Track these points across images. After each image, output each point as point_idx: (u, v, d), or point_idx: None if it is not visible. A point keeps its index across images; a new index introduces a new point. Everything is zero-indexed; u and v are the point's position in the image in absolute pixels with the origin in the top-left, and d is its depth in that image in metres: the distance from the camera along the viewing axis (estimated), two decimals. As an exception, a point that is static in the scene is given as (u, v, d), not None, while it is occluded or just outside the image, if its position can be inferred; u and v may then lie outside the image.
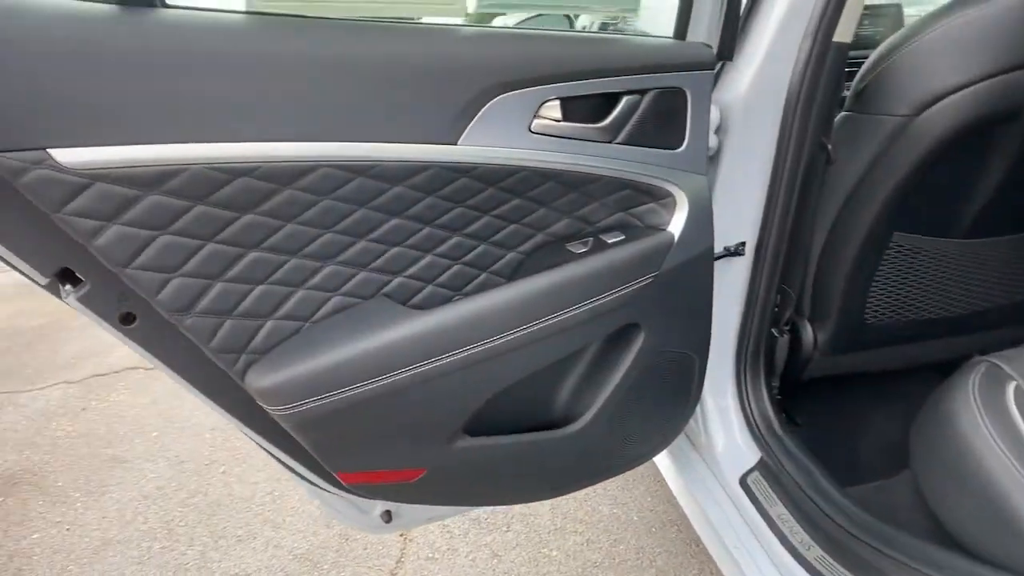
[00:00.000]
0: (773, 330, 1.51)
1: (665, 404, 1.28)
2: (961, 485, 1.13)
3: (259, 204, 0.79)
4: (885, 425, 1.74)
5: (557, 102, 0.93)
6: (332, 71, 0.77)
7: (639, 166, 1.03)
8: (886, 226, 1.40)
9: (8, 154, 0.64)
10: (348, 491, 1.17)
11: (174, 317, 0.81)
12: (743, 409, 1.48)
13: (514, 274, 1.05)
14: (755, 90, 1.21)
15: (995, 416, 1.09)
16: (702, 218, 1.10)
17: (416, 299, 0.99)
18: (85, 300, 0.81)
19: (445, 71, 0.83)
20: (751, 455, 1.45)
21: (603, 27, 2.97)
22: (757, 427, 1.45)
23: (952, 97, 1.23)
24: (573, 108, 0.95)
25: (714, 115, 1.23)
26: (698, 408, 1.49)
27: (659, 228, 1.09)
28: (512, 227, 1.01)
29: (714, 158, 1.28)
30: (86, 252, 0.74)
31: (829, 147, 1.33)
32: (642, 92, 0.98)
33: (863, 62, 1.41)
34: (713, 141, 1.25)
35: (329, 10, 0.79)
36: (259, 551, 2.05)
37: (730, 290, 1.41)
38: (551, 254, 1.05)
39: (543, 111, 0.92)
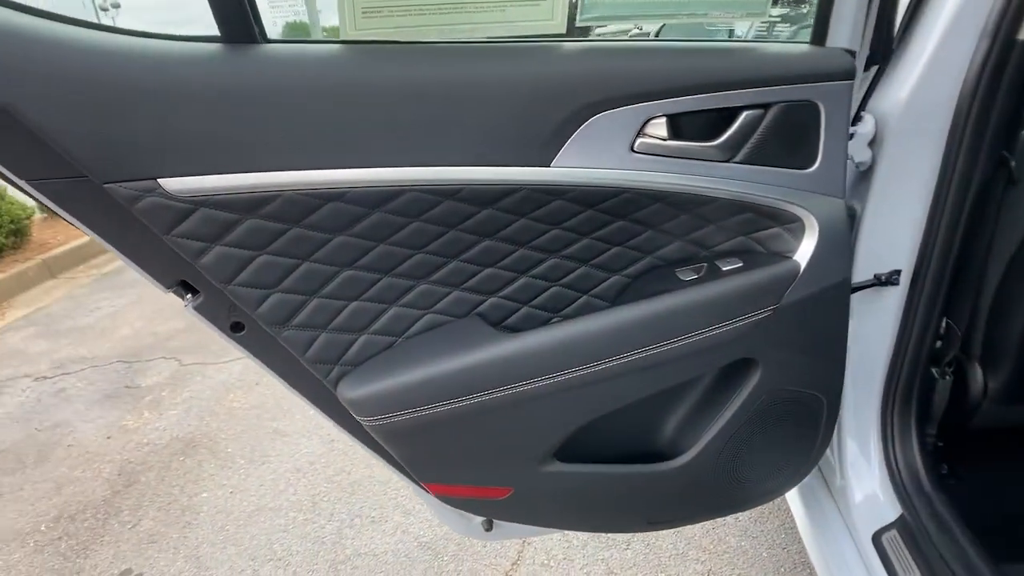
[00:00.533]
0: (933, 370, 1.33)
1: (785, 447, 1.16)
2: None
3: (350, 226, 0.82)
4: None
5: (663, 119, 0.87)
6: (418, 97, 0.78)
7: (762, 187, 0.94)
8: None
9: (125, 184, 0.72)
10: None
11: (273, 329, 0.86)
12: (886, 457, 1.31)
13: (618, 298, 1.01)
14: (918, 98, 1.06)
15: None
16: (836, 246, 0.99)
17: (511, 320, 0.98)
18: (200, 309, 0.88)
19: (537, 91, 0.81)
20: (890, 510, 1.29)
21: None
22: (900, 478, 1.29)
23: None
24: (682, 125, 0.89)
25: (868, 125, 1.10)
26: (835, 448, 1.35)
27: (784, 255, 0.99)
28: (615, 249, 0.97)
29: (866, 174, 1.14)
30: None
31: (1012, 164, 1.14)
32: (765, 106, 0.90)
33: None
34: (866, 155, 1.12)
35: (423, 32, 0.79)
36: (388, 534, 2.16)
37: (880, 322, 1.26)
38: (659, 280, 0.99)
39: (648, 129, 0.87)
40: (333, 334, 0.89)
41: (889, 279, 1.20)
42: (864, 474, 1.33)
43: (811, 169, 0.95)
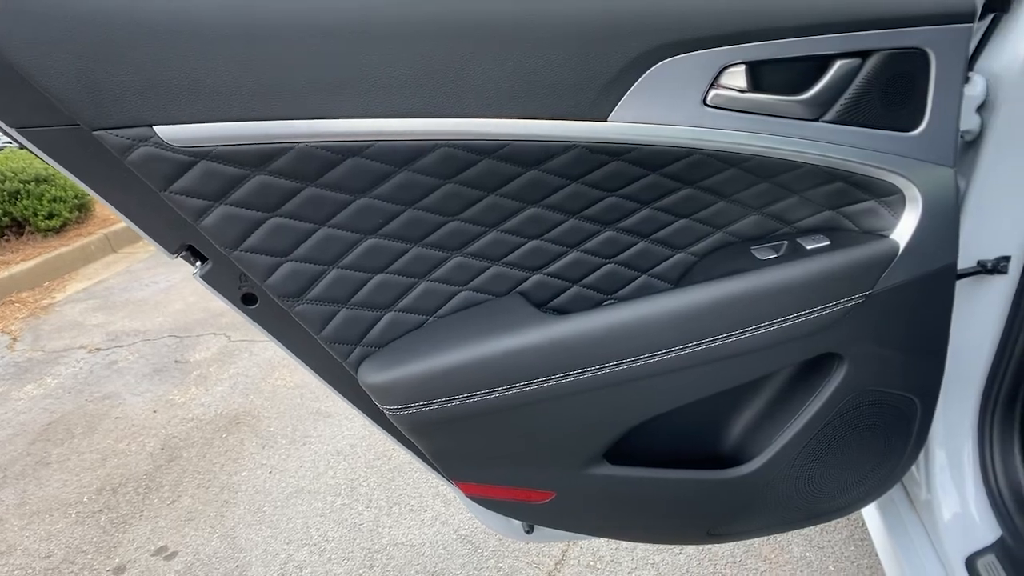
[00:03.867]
0: None
1: (869, 455, 1.02)
2: None
3: (373, 187, 0.72)
4: None
5: (742, 67, 0.73)
6: (452, 34, 0.66)
7: (856, 152, 0.80)
8: None
9: (116, 131, 0.63)
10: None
11: (285, 303, 0.76)
12: (983, 469, 1.15)
13: (683, 279, 0.88)
14: None
15: None
16: (943, 224, 0.84)
17: (558, 300, 0.86)
18: (208, 278, 0.79)
19: (592, 30, 0.68)
20: (987, 531, 1.13)
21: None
22: (1000, 495, 1.12)
23: None
24: (765, 75, 0.75)
25: (978, 87, 0.93)
26: (922, 456, 1.19)
27: (879, 234, 0.85)
28: (681, 222, 0.84)
29: (973, 144, 0.98)
30: None
31: None
32: (863, 54, 0.75)
33: None
34: (974, 122, 0.96)
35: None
36: (427, 524, 2.08)
37: (982, 316, 1.09)
38: (732, 258, 0.86)
39: (724, 79, 0.73)
40: (354, 310, 0.79)
41: (996, 267, 1.04)
42: (956, 488, 1.17)
43: (916, 132, 0.80)
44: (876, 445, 1.01)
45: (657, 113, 0.72)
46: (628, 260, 0.85)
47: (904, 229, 0.83)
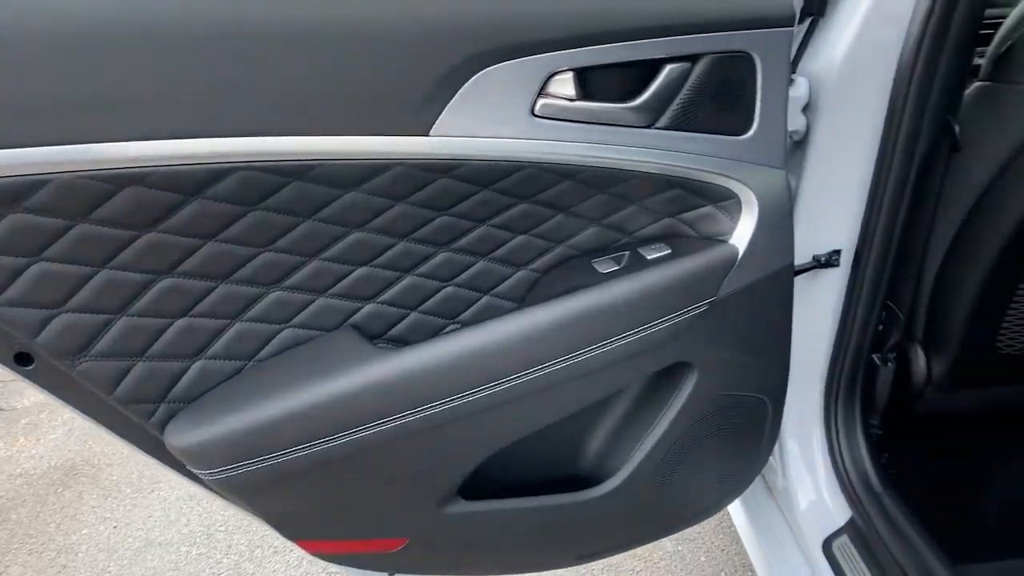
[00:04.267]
0: (875, 356, 1.21)
1: (727, 456, 1.02)
2: None
3: (161, 219, 0.61)
4: (1016, 482, 1.40)
5: (570, 74, 0.69)
6: (246, 40, 0.57)
7: (690, 158, 0.78)
8: None
9: None
10: None
11: (64, 362, 0.64)
12: (832, 456, 1.19)
13: (526, 297, 0.83)
14: (856, 56, 0.93)
15: None
16: (778, 226, 0.84)
17: (396, 330, 0.79)
18: None
19: (408, 35, 0.62)
20: (839, 514, 1.17)
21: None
22: (848, 480, 1.17)
23: None
24: (594, 82, 0.71)
25: (802, 89, 0.96)
26: (777, 448, 1.22)
27: (719, 239, 0.84)
28: (519, 239, 0.79)
29: (801, 144, 1.01)
30: None
31: (956, 129, 1.03)
32: (692, 58, 0.73)
33: (1001, 22, 1.08)
34: (800, 122, 0.98)
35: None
36: (293, 566, 1.94)
37: (819, 309, 1.13)
38: (574, 273, 0.82)
39: (552, 87, 0.69)
40: (153, 363, 0.68)
41: (829, 260, 1.07)
42: (809, 476, 1.21)
43: (747, 135, 0.80)
44: (733, 446, 1.02)
45: (482, 126, 0.67)
46: (467, 282, 0.79)
47: (742, 233, 0.83)
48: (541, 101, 0.69)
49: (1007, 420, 1.42)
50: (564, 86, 0.70)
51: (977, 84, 1.07)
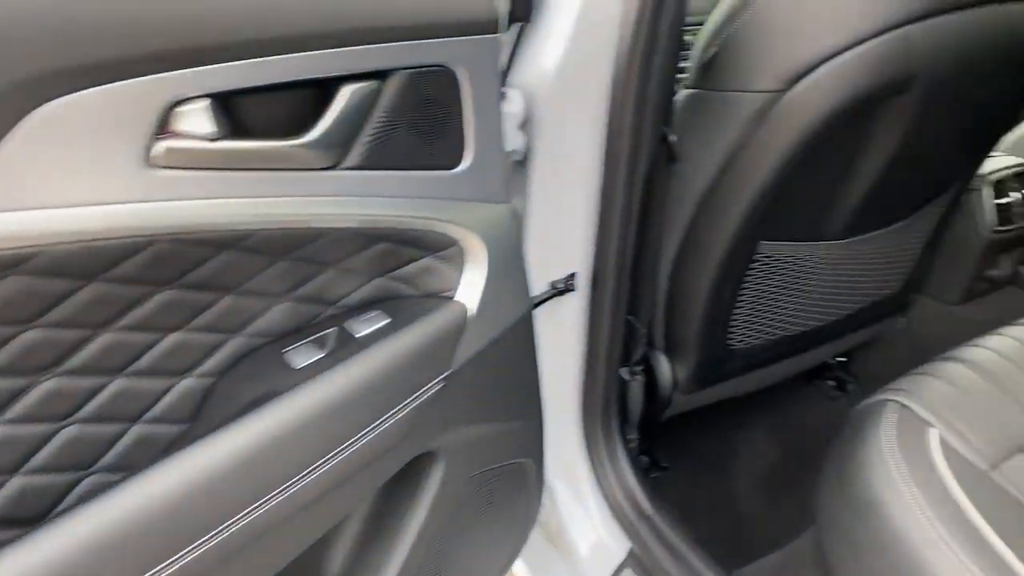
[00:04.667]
0: (622, 372, 1.16)
1: (498, 524, 0.89)
2: (879, 566, 0.83)
3: None
4: (762, 455, 1.48)
5: (204, 103, 0.48)
6: None
7: (393, 203, 0.61)
8: (750, 235, 1.08)
9: None
10: None
11: None
12: (601, 488, 1.12)
13: (198, 416, 0.60)
14: (570, 66, 0.84)
15: (919, 476, 0.80)
16: (510, 269, 0.72)
17: None
18: None
19: None
20: (619, 548, 1.10)
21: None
22: (621, 509, 1.10)
23: (832, 63, 0.90)
24: (244, 112, 0.51)
25: (516, 103, 0.84)
26: (547, 495, 1.12)
27: (444, 296, 0.68)
28: (170, 339, 0.56)
29: (523, 164, 0.90)
30: None
31: (671, 139, 0.99)
32: (377, 76, 0.57)
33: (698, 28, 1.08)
34: (520, 141, 0.87)
35: None
36: None
37: (564, 336, 1.05)
38: (261, 370, 0.61)
39: (178, 123, 0.47)
40: None
41: (567, 286, 0.99)
42: (582, 513, 1.12)
43: (460, 168, 0.65)
44: (501, 514, 0.89)
45: (60, 188, 0.43)
46: (97, 413, 0.54)
47: (470, 285, 0.68)
48: (163, 144, 0.47)
49: (736, 401, 1.48)
50: (199, 121, 0.48)
51: (685, 92, 1.05)
